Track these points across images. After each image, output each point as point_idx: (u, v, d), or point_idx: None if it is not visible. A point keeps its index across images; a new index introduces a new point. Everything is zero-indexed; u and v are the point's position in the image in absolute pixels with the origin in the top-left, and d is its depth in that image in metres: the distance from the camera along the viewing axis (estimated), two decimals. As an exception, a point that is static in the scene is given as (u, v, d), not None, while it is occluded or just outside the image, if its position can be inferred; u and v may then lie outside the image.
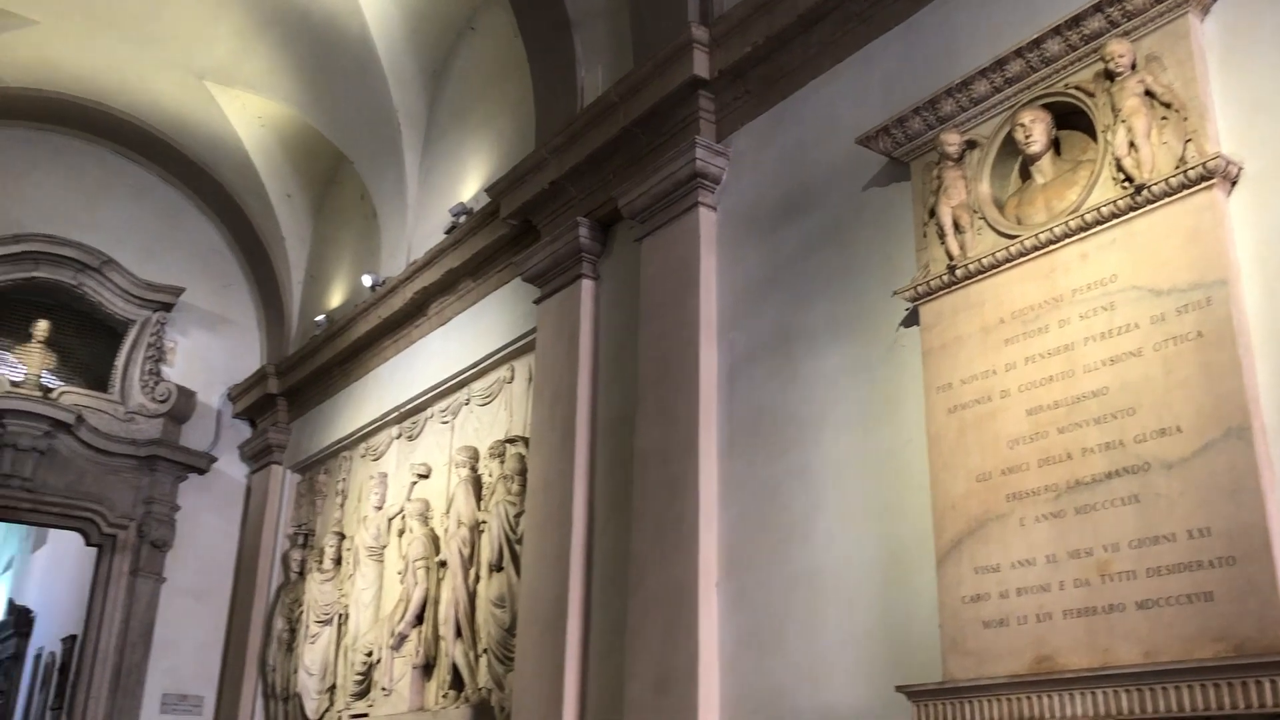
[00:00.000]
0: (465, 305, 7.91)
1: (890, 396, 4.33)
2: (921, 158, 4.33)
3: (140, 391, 10.28)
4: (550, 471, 6.20)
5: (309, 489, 10.03)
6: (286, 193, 10.66)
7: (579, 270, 6.34)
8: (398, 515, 8.28)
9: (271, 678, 9.43)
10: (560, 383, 6.30)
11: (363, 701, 8.10)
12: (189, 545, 10.28)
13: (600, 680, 5.50)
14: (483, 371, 7.70)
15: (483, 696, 6.80)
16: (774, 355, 4.92)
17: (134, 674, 9.75)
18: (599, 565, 5.74)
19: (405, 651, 7.66)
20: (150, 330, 10.45)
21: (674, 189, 5.53)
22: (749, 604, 4.69)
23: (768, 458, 4.81)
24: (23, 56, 9.51)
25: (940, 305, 4.10)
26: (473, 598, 7.11)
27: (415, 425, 8.48)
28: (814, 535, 4.49)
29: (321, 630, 8.87)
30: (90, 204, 10.59)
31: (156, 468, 10.10)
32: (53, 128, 10.53)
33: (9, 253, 9.87)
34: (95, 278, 10.21)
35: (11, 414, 9.46)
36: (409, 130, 9.06)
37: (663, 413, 5.32)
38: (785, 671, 4.44)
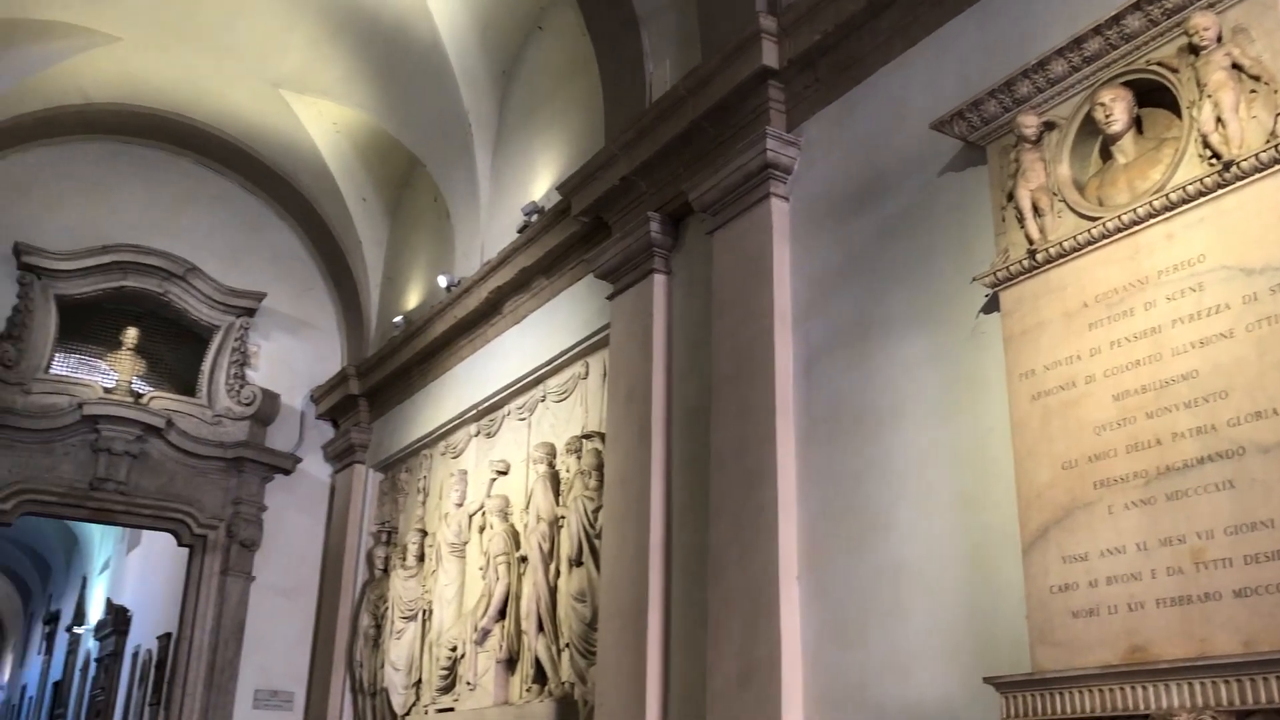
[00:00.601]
0: (539, 303, 7.97)
1: (971, 384, 4.26)
2: (998, 141, 4.25)
3: (226, 395, 10.54)
4: (627, 466, 6.22)
5: (391, 487, 10.20)
6: (362, 197, 10.84)
7: (651, 265, 6.35)
8: (478, 512, 8.38)
9: (359, 673, 9.61)
10: (635, 378, 6.32)
11: (448, 696, 8.22)
12: (276, 544, 10.52)
13: (682, 673, 5.51)
14: (558, 368, 7.76)
15: (566, 691, 6.86)
16: (851, 345, 4.87)
17: (227, 670, 10.01)
18: (678, 559, 5.75)
19: (489, 646, 7.75)
20: (234, 335, 10.71)
21: (745, 181, 5.50)
22: (831, 596, 4.66)
23: (847, 449, 4.77)
24: (107, 73, 9.80)
25: (1021, 290, 4.02)
26: (554, 592, 7.17)
27: (493, 423, 8.57)
28: (896, 526, 4.44)
29: (406, 626, 9.03)
30: (174, 213, 10.88)
31: (244, 469, 10.35)
32: (137, 141, 10.83)
33: (98, 263, 10.18)
34: (181, 285, 10.49)
35: (105, 419, 9.77)
36: (480, 131, 9.15)
37: (739, 406, 5.31)
38: (869, 664, 4.40)
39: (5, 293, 9.90)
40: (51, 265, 10.00)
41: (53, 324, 10.01)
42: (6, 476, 9.45)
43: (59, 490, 9.67)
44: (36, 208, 10.24)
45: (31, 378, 9.75)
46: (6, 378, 9.60)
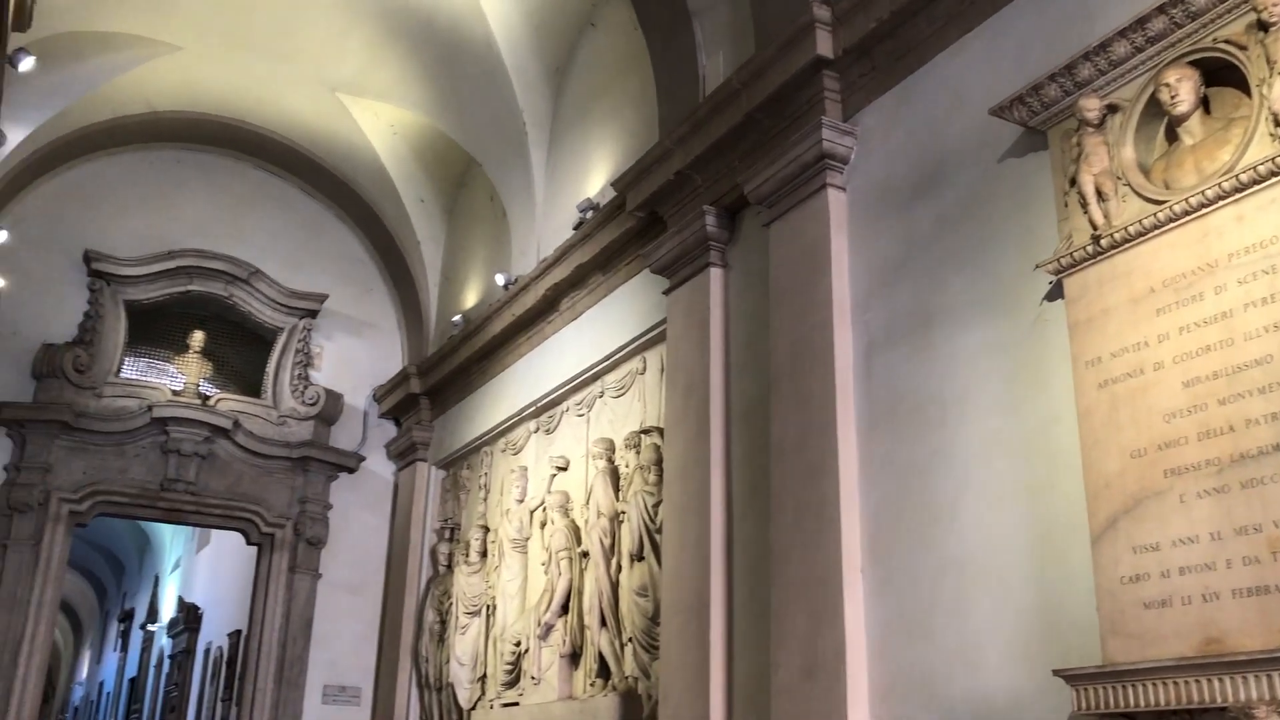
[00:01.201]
0: (596, 299, 7.99)
1: (1036, 373, 4.20)
2: (1059, 125, 4.18)
3: (291, 396, 10.71)
4: (687, 461, 6.22)
5: (453, 484, 10.30)
6: (420, 198, 10.96)
7: (707, 259, 6.34)
8: (539, 508, 8.44)
9: (425, 668, 9.73)
10: (693, 372, 6.31)
11: (513, 690, 8.28)
12: (342, 542, 10.68)
13: (746, 667, 5.50)
14: (615, 364, 7.78)
15: (630, 685, 6.88)
16: (912, 336, 4.83)
17: (296, 666, 10.18)
18: (739, 553, 5.74)
19: (552, 641, 7.80)
20: (298, 337, 10.88)
21: (801, 171, 5.47)
22: (895, 589, 4.63)
23: (909, 440, 4.72)
24: (170, 82, 10.00)
25: (1085, 277, 3.95)
26: (615, 587, 7.19)
27: (552, 419, 8.62)
28: (961, 518, 4.39)
29: (471, 621, 9.11)
30: (237, 218, 11.07)
31: (309, 468, 10.52)
32: (199, 147, 11.05)
33: (164, 269, 10.40)
34: (244, 288, 10.68)
35: (174, 421, 9.98)
36: (534, 129, 9.20)
37: (798, 398, 5.28)
38: (936, 656, 4.36)
39: (77, 299, 10.14)
40: (120, 271, 10.23)
41: (122, 329, 10.24)
42: (81, 479, 9.69)
43: (131, 491, 9.90)
44: (105, 215, 10.48)
45: (103, 382, 9.99)
46: (79, 382, 9.84)
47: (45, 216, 10.20)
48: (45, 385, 9.74)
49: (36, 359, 9.77)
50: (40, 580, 9.34)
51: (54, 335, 9.94)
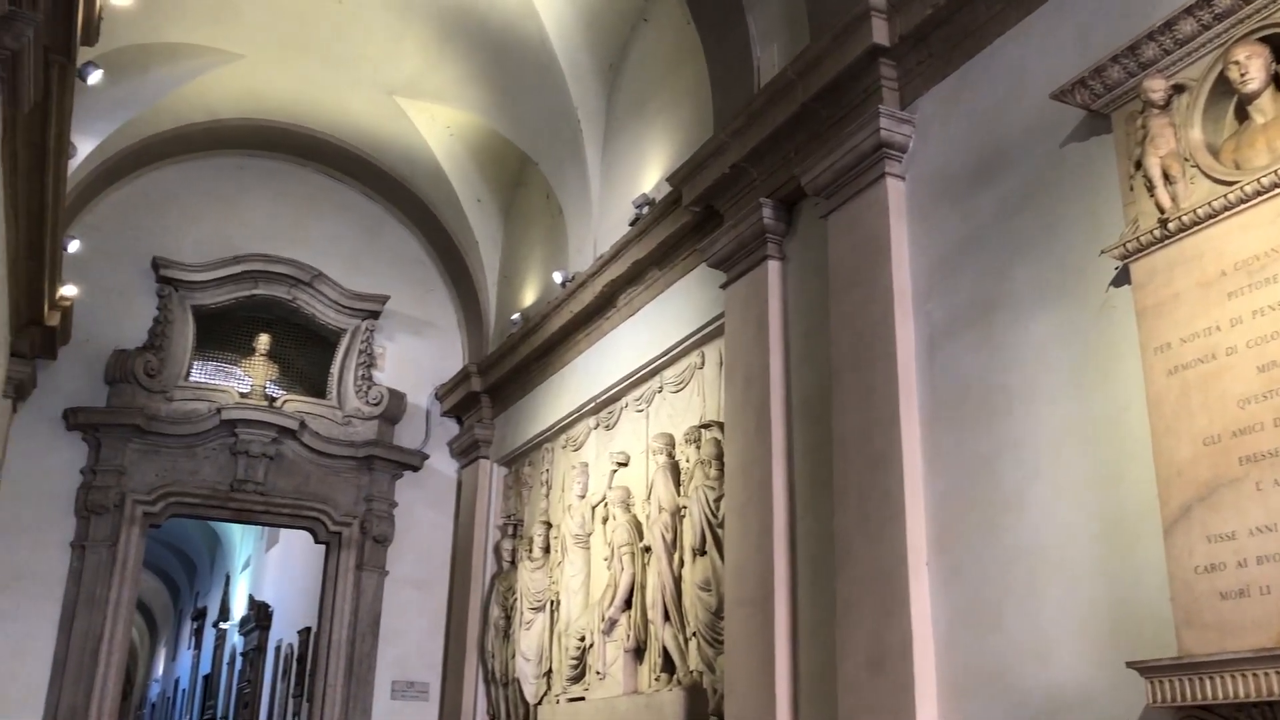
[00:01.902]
0: (653, 295, 8.00)
1: (1103, 360, 4.13)
2: (1123, 108, 4.10)
3: (355, 396, 10.87)
4: (748, 455, 6.21)
5: (515, 481, 10.38)
6: (477, 198, 11.05)
7: (764, 252, 6.31)
8: (600, 503, 8.47)
9: (491, 663, 9.82)
10: (752, 366, 6.30)
11: (578, 685, 8.33)
12: (408, 539, 10.81)
13: (811, 660, 5.48)
14: (673, 359, 7.79)
15: (695, 679, 6.89)
16: (975, 325, 4.77)
17: (365, 662, 10.33)
18: (803, 546, 5.72)
19: (616, 636, 7.83)
20: (360, 338, 11.04)
21: (859, 161, 5.43)
22: (963, 581, 4.58)
23: (975, 431, 4.67)
24: (232, 89, 10.19)
25: (1153, 261, 3.88)
26: (678, 581, 7.20)
27: (611, 415, 8.65)
28: (1029, 508, 4.34)
29: (535, 617, 9.18)
30: (299, 222, 11.25)
31: (374, 467, 10.66)
32: (262, 153, 11.24)
33: (230, 273, 10.60)
34: (308, 291, 10.85)
35: (243, 423, 10.17)
36: (589, 126, 9.23)
37: (861, 390, 5.25)
38: (1006, 649, 4.31)
39: (146, 305, 10.38)
40: (187, 277, 10.45)
41: (190, 333, 10.46)
42: (154, 480, 9.92)
43: (203, 492, 10.11)
44: (172, 223, 10.71)
45: (173, 385, 10.21)
46: (150, 386, 10.07)
47: (115, 225, 10.45)
48: (118, 390, 9.98)
49: (109, 365, 10.01)
50: (117, 580, 9.58)
51: (125, 341, 10.18)
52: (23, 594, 9.30)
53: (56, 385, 9.81)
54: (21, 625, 9.24)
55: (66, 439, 9.78)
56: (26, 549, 9.41)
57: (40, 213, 6.94)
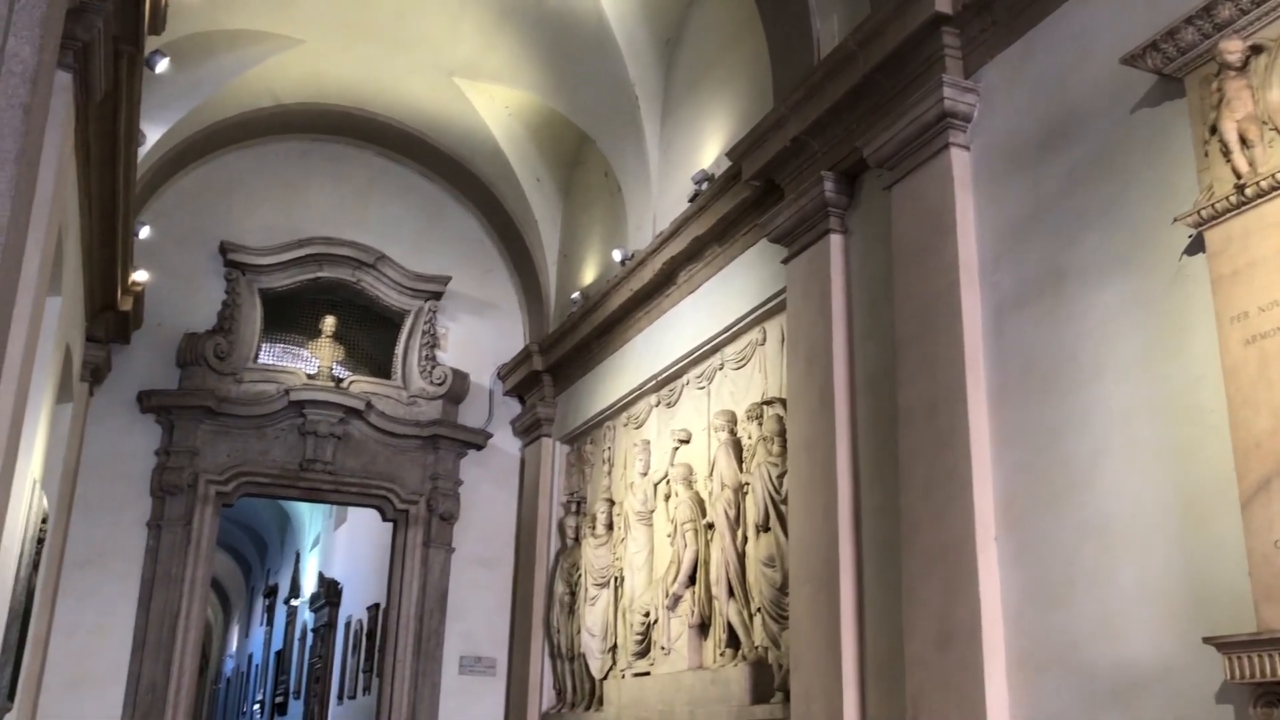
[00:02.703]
0: (713, 271, 7.98)
1: (1177, 331, 4.04)
2: (1197, 71, 3.99)
3: (419, 376, 11.00)
4: (811, 431, 6.18)
5: (577, 459, 10.44)
6: (536, 177, 11.08)
7: (826, 225, 6.26)
8: (663, 480, 8.49)
9: (556, 639, 9.92)
10: (814, 341, 6.26)
11: (644, 660, 8.38)
12: (473, 517, 10.94)
13: (878, 637, 5.46)
14: (734, 335, 7.76)
15: (760, 654, 6.90)
16: (1043, 296, 4.69)
17: (433, 638, 10.49)
18: (868, 522, 5.69)
19: (681, 611, 7.86)
20: (424, 319, 11.16)
21: (922, 132, 5.35)
22: (1032, 556, 4.53)
23: (1043, 404, 4.60)
24: (294, 74, 10.31)
25: (1229, 228, 3.78)
26: (742, 558, 7.21)
27: (673, 392, 8.65)
28: (1099, 482, 4.26)
29: (600, 593, 9.25)
30: (361, 205, 11.38)
31: (439, 446, 10.79)
32: (324, 137, 11.37)
33: (295, 256, 10.76)
34: (371, 273, 10.98)
35: (311, 404, 10.35)
36: (647, 103, 9.20)
37: (926, 364, 5.19)
38: (1077, 624, 4.25)
39: (215, 289, 10.58)
40: (254, 261, 10.63)
41: (258, 316, 10.65)
42: (226, 461, 10.14)
43: (273, 472, 10.31)
44: (238, 207, 10.90)
45: (242, 367, 10.41)
46: (220, 369, 10.27)
47: (183, 211, 10.65)
48: (189, 373, 10.20)
49: (180, 348, 10.24)
50: (192, 558, 9.82)
51: (196, 325, 10.39)
52: (103, 572, 9.59)
53: (130, 369, 10.05)
54: (103, 602, 9.53)
55: (141, 421, 10.03)
56: (106, 528, 9.69)
57: (112, 201, 7.10)
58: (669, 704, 7.76)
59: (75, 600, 9.40)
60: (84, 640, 9.40)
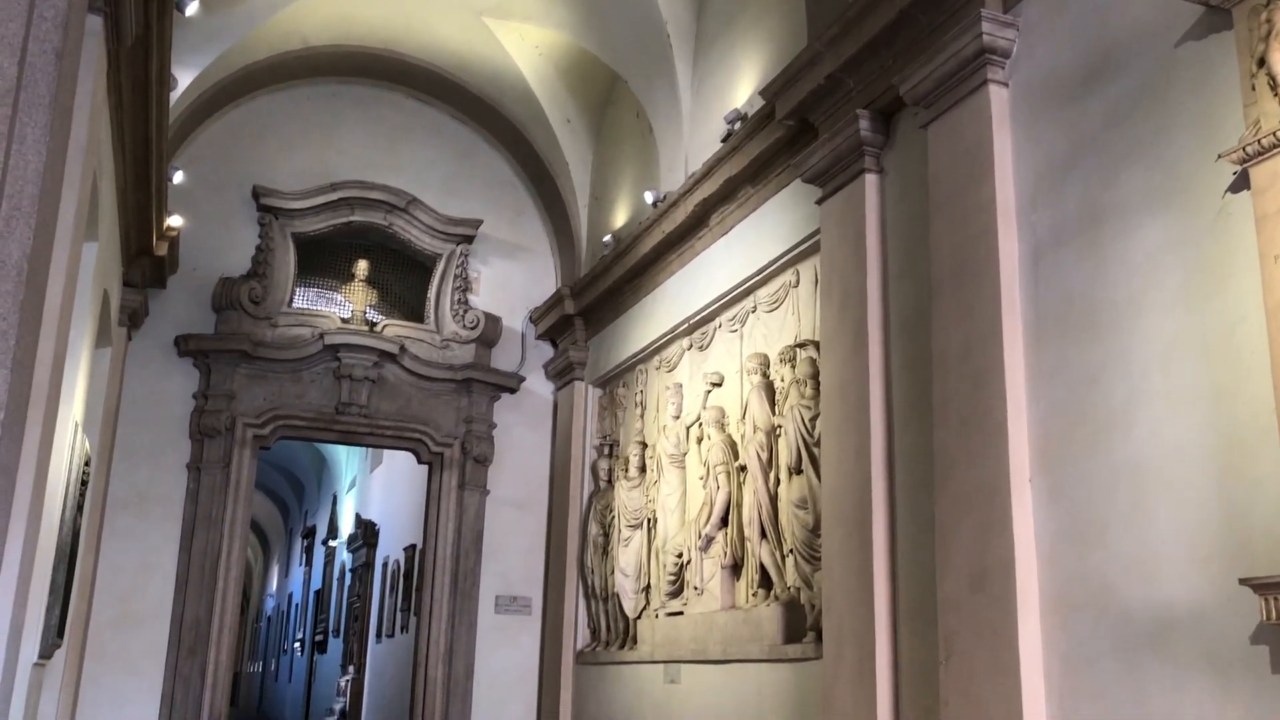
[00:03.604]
0: (746, 213, 7.91)
1: (1218, 271, 3.97)
2: (1246, 1, 3.87)
3: (452, 320, 11.04)
4: (844, 374, 6.15)
5: (610, 402, 10.48)
6: (566, 118, 10.99)
7: (861, 165, 6.17)
8: (695, 423, 8.51)
9: (590, 579, 10.03)
10: (848, 283, 6.21)
11: (677, 600, 8.47)
12: (507, 459, 11.03)
13: (910, 577, 5.48)
14: (767, 278, 7.71)
15: (792, 595, 6.95)
16: (1082, 236, 4.62)
17: (469, 578, 10.64)
18: (901, 465, 5.68)
19: (713, 553, 7.92)
20: (456, 262, 11.17)
21: (960, 68, 5.25)
22: (1067, 498, 4.51)
23: (1080, 346, 4.55)
24: (324, 16, 10.25)
25: (1275, 165, 3.68)
26: (774, 500, 7.23)
27: (705, 336, 8.63)
28: (1137, 424, 4.23)
29: (633, 534, 9.33)
30: (392, 148, 11.35)
31: (472, 390, 10.86)
32: (354, 80, 11.31)
33: (328, 201, 10.77)
34: (403, 217, 10.98)
35: (345, 348, 10.42)
36: (679, 42, 9.07)
37: (961, 306, 5.14)
38: (1111, 566, 4.24)
39: (249, 234, 10.63)
40: (287, 205, 10.65)
41: (292, 260, 10.70)
42: (263, 405, 10.26)
43: (309, 415, 10.42)
44: (270, 152, 10.90)
45: (277, 312, 10.48)
46: (255, 313, 10.36)
47: (215, 156, 10.67)
48: (225, 317, 10.29)
49: (216, 293, 10.32)
50: (231, 500, 9.98)
51: (230, 269, 10.46)
52: (145, 514, 9.77)
53: (167, 313, 10.15)
54: (147, 543, 9.73)
55: (179, 365, 10.15)
56: (147, 471, 9.85)
57: (145, 146, 7.12)
58: (702, 643, 7.85)
59: (120, 541, 9.60)
60: (129, 580, 9.61)
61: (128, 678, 9.42)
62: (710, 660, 7.69)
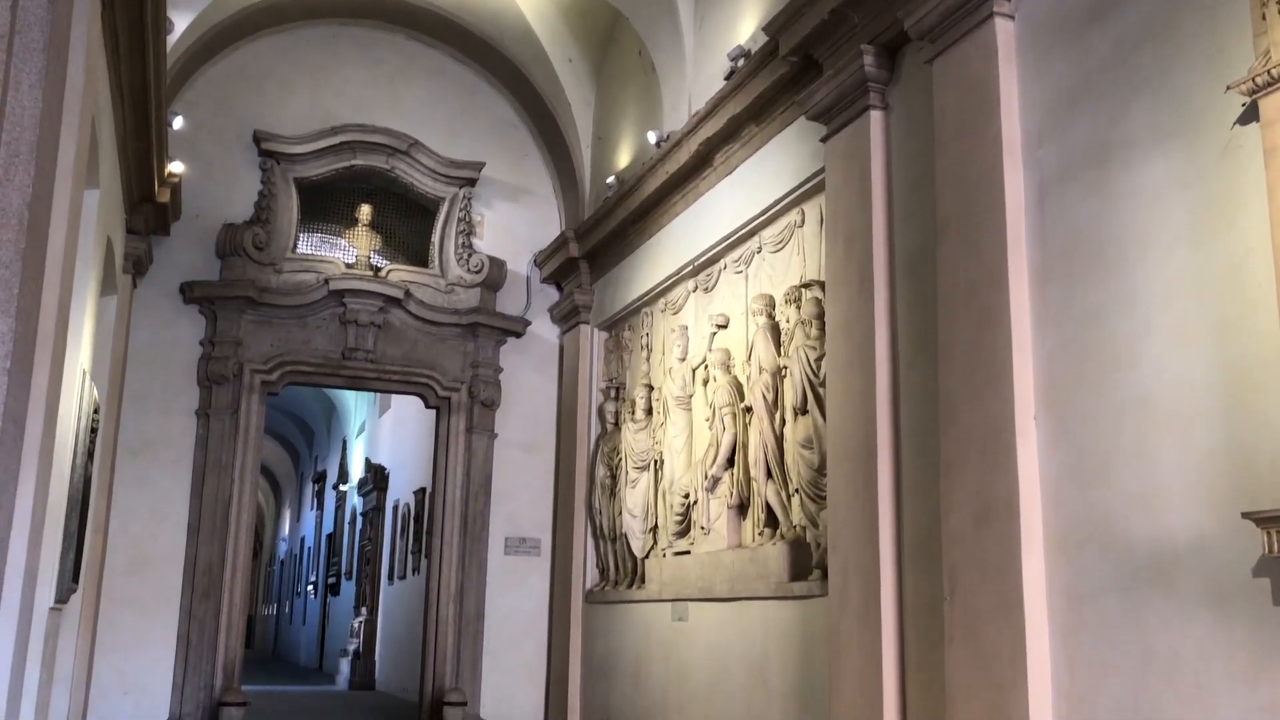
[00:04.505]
0: (750, 152, 7.84)
1: (1226, 205, 3.93)
2: (1258, -72, 3.80)
3: (456, 264, 11.01)
4: (849, 313, 6.14)
5: (616, 345, 10.48)
6: (568, 58, 10.86)
7: (866, 101, 6.11)
8: (701, 365, 8.52)
9: (599, 520, 10.11)
10: (853, 222, 6.17)
11: (684, 540, 8.54)
12: (514, 403, 11.07)
13: (915, 515, 5.51)
14: (772, 218, 7.67)
15: (798, 534, 7.00)
16: (1088, 172, 4.57)
17: (479, 520, 10.73)
18: (906, 404, 5.69)
19: (719, 493, 7.97)
20: (459, 206, 11.11)
21: (965, 1, 5.16)
22: (1071, 435, 4.51)
23: (1086, 283, 4.53)
24: (320, -43, 10.10)
25: (1285, 96, 3.64)
26: (780, 440, 7.26)
27: (710, 277, 8.61)
28: (1142, 361, 4.22)
29: (640, 476, 9.38)
30: (393, 91, 11.24)
31: (478, 334, 10.86)
32: (354, 21, 11.17)
33: (329, 145, 10.69)
34: (405, 160, 10.91)
35: (350, 293, 10.41)
36: (681, -24, 8.93)
37: (967, 243, 5.11)
38: (1115, 501, 4.26)
39: (251, 179, 10.57)
40: (288, 150, 10.57)
41: (294, 206, 10.65)
42: (269, 351, 10.28)
43: (316, 361, 10.44)
44: (270, 96, 10.81)
45: (281, 258, 10.46)
46: (260, 259, 10.34)
47: (215, 101, 10.58)
48: (229, 264, 10.27)
49: (219, 239, 10.29)
50: (241, 446, 10.04)
51: (233, 215, 10.42)
52: (156, 460, 9.84)
53: (172, 260, 10.14)
54: (158, 489, 9.81)
55: (185, 312, 10.16)
56: (157, 417, 9.91)
57: (143, 91, 7.05)
58: (709, 581, 7.93)
59: (131, 488, 9.68)
60: (142, 526, 9.71)
61: (144, 621, 9.56)
62: (717, 598, 7.77)
